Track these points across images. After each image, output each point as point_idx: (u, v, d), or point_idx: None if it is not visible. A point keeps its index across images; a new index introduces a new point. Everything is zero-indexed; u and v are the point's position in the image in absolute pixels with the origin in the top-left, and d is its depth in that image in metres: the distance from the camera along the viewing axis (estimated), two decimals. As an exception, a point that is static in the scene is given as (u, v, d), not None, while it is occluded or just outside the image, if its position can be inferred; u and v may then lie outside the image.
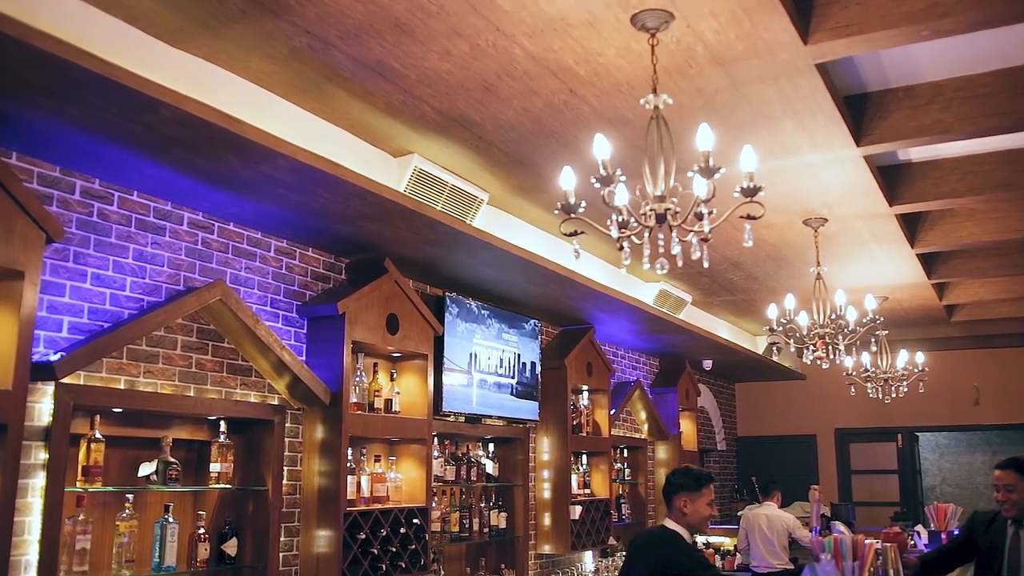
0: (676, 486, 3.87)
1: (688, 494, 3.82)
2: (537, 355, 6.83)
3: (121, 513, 3.94)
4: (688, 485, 3.84)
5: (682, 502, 3.83)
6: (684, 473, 3.94)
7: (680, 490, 3.85)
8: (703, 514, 3.83)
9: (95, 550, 3.87)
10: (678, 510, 3.86)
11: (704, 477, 3.89)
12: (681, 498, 3.84)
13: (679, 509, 3.85)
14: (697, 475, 3.90)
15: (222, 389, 4.39)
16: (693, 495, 3.82)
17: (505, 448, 6.75)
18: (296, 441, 4.81)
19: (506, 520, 6.58)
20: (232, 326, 4.34)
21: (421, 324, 5.36)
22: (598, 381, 7.50)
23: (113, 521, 3.93)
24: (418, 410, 5.36)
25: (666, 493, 3.93)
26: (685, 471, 3.96)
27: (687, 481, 3.86)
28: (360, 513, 4.79)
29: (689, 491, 3.83)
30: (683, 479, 3.88)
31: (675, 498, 3.86)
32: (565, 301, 6.58)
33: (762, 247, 6.13)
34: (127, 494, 3.96)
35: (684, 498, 3.83)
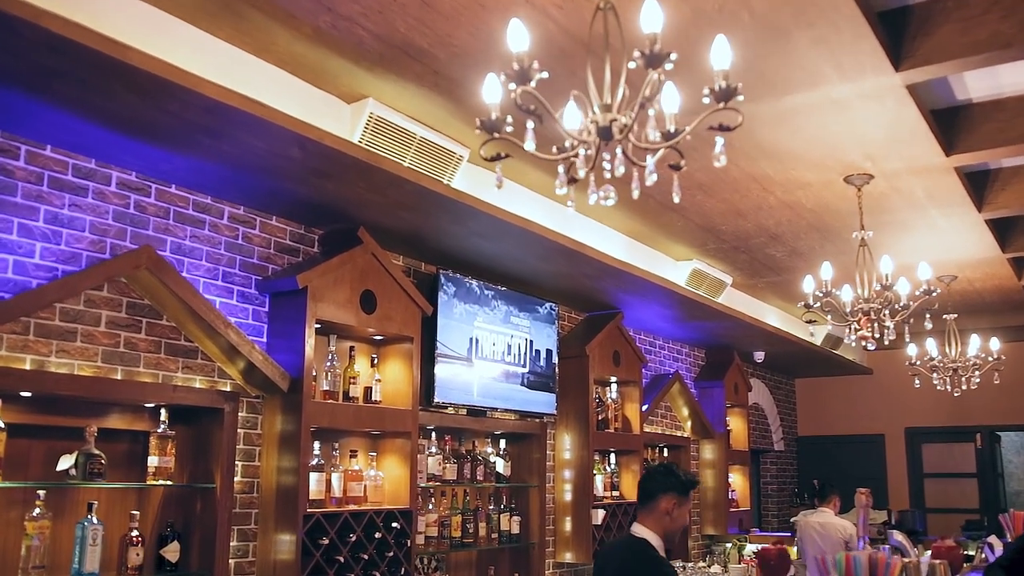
0: (663, 485, 3.36)
1: (676, 496, 3.34)
2: (554, 342, 6.17)
3: (31, 512, 3.44)
4: (677, 486, 3.35)
5: (669, 505, 3.33)
6: (671, 472, 3.43)
7: (668, 490, 3.34)
8: (684, 522, 3.41)
9: (-3, 554, 3.37)
10: (660, 512, 3.34)
11: (693, 481, 3.44)
12: (668, 500, 3.33)
13: (662, 511, 3.34)
14: (688, 477, 3.42)
15: (159, 372, 3.85)
16: (681, 499, 3.35)
17: (518, 445, 6.11)
18: (255, 433, 4.25)
19: (520, 525, 5.93)
20: (169, 301, 3.81)
21: (405, 303, 4.76)
22: (627, 372, 6.80)
23: (22, 522, 3.43)
24: (403, 400, 4.76)
25: (647, 490, 3.40)
26: (674, 469, 3.46)
27: (676, 482, 3.36)
28: (325, 515, 4.21)
29: (678, 493, 3.34)
30: (671, 479, 3.37)
31: (660, 498, 3.35)
32: (583, 281, 5.91)
33: (801, 213, 5.36)
34: (39, 491, 3.45)
35: (672, 500, 3.33)
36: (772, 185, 4.82)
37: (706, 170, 4.55)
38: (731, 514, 8.39)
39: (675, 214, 5.24)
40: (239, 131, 3.35)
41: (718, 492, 8.32)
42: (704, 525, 8.31)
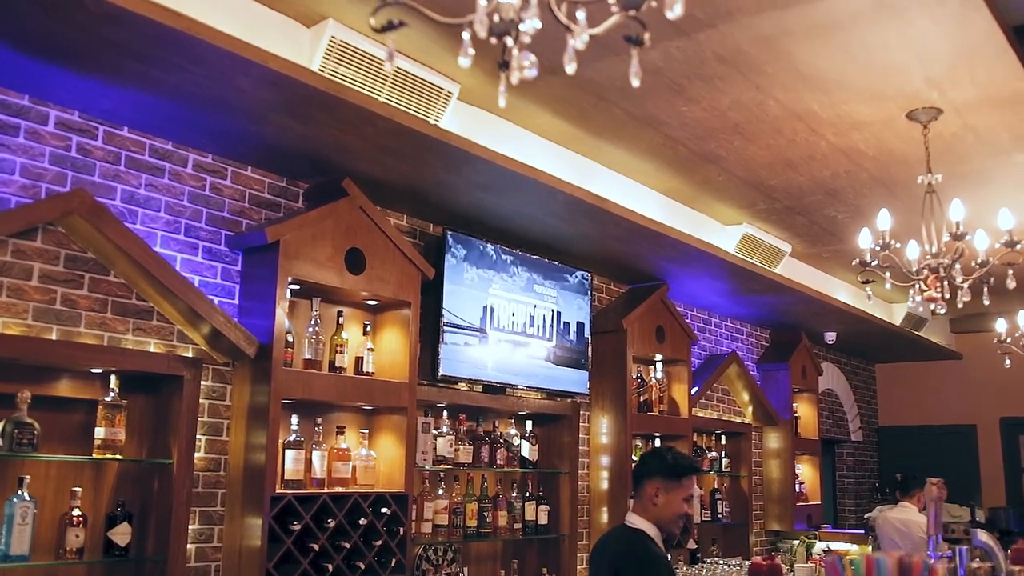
0: (649, 469, 3.16)
1: (663, 481, 3.10)
2: (587, 315, 5.59)
3: (-52, 486, 3.06)
4: (663, 470, 3.11)
5: (653, 490, 3.11)
6: (659, 455, 3.23)
7: (653, 475, 3.12)
8: (677, 510, 3.12)
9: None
10: (647, 499, 3.13)
11: (686, 466, 3.19)
12: (653, 484, 3.11)
13: (648, 498, 3.12)
14: (678, 461, 3.16)
15: (104, 334, 3.44)
16: (668, 484, 3.10)
17: (547, 427, 5.55)
18: (222, 405, 3.82)
19: (548, 515, 5.38)
20: (115, 255, 3.39)
21: (401, 264, 4.26)
22: (674, 350, 6.17)
23: (-62, 497, 3.06)
24: (399, 372, 4.26)
25: (636, 475, 3.22)
26: (663, 453, 3.24)
27: (662, 466, 3.13)
28: (299, 497, 3.74)
29: (664, 478, 3.10)
30: (658, 462, 3.16)
31: (646, 483, 3.14)
32: (615, 246, 5.31)
33: (860, 162, 4.64)
34: (-43, 463, 3.08)
35: (657, 485, 3.10)
36: (821, 125, 4.14)
37: (738, 106, 3.91)
38: (799, 509, 7.66)
39: (713, 165, 4.60)
40: (177, 57, 2.90)
41: (784, 485, 7.60)
42: (768, 520, 7.60)
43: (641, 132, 4.19)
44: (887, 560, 1.53)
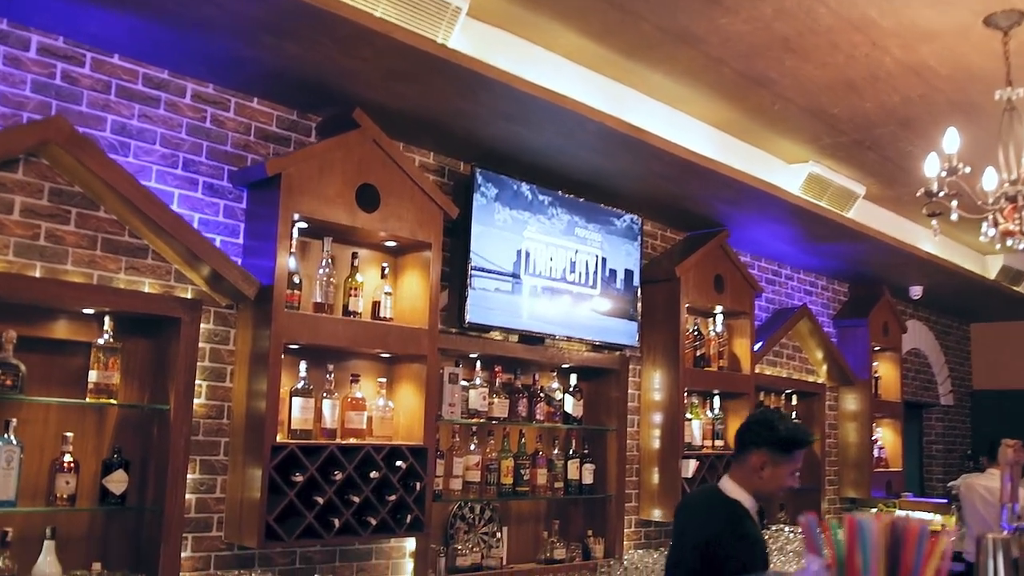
0: (757, 438, 2.96)
1: (771, 454, 2.93)
2: (636, 262, 5.21)
3: (-72, 428, 2.94)
4: (773, 442, 2.93)
5: (759, 461, 2.94)
6: (769, 424, 2.99)
7: (761, 445, 2.94)
8: (782, 484, 2.97)
9: None
10: (751, 469, 2.96)
11: (799, 439, 2.98)
12: (760, 455, 2.94)
13: (752, 468, 2.96)
14: (790, 433, 2.96)
15: (93, 272, 3.26)
16: (776, 457, 2.93)
17: (593, 382, 5.23)
18: (225, 349, 3.62)
19: (594, 474, 5.07)
20: (101, 189, 3.20)
21: (420, 202, 3.97)
22: (735, 301, 5.74)
23: (-81, 439, 2.94)
24: (419, 318, 3.99)
25: (739, 441, 3.04)
26: (773, 423, 3.00)
27: (772, 437, 2.93)
28: (304, 448, 3.52)
29: (773, 450, 2.92)
30: (768, 433, 2.95)
31: (752, 453, 2.96)
32: (663, 186, 4.92)
33: (933, 83, 4.10)
34: (-64, 404, 2.95)
35: (764, 457, 2.93)
36: (883, 37, 3.65)
37: (784, 15, 3.46)
38: (877, 475, 7.14)
39: (764, 90, 4.14)
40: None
41: (861, 449, 7.09)
42: (843, 487, 7.11)
43: (677, 51, 3.78)
44: (873, 523, 1.19)
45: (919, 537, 1.17)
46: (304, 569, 3.72)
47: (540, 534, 4.95)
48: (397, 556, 4.09)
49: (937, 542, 1.17)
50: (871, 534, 1.15)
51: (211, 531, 3.49)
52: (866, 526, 1.16)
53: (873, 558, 1.14)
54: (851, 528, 1.18)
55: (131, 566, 3.34)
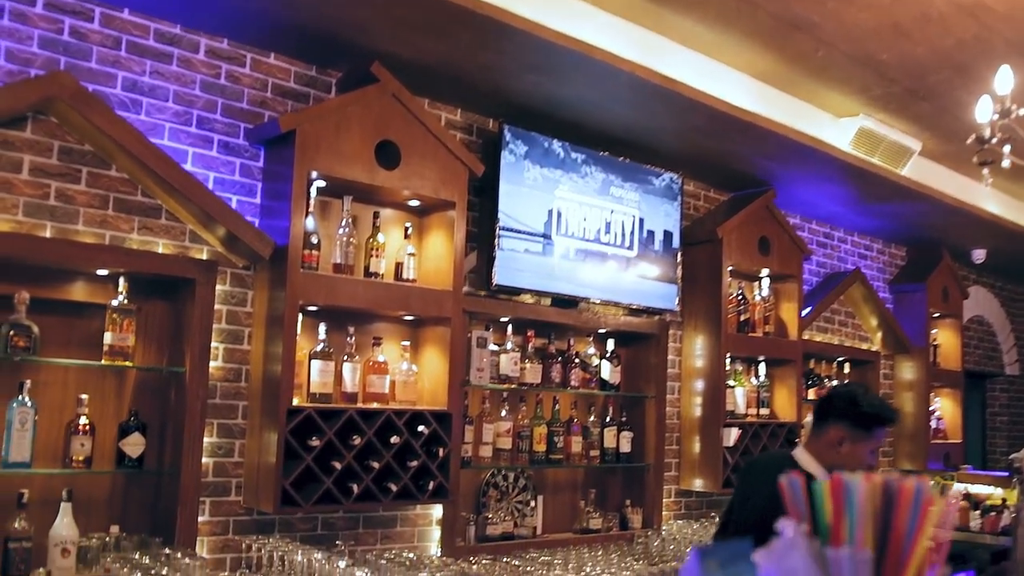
0: (838, 411, 2.85)
1: (851, 429, 2.82)
2: (676, 223, 5.01)
3: (-59, 389, 2.92)
4: (855, 418, 2.81)
5: (838, 436, 2.83)
6: (852, 398, 2.86)
7: (841, 419, 2.82)
8: (860, 461, 2.83)
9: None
10: (828, 443, 2.85)
11: (882, 416, 2.85)
12: (839, 430, 2.83)
13: (830, 442, 2.84)
14: (874, 410, 2.83)
15: (105, 232, 3.20)
16: (857, 433, 2.81)
17: (632, 348, 5.07)
18: (243, 311, 3.54)
19: (632, 442, 4.92)
20: (111, 147, 3.13)
21: (444, 159, 3.84)
22: (781, 264, 5.50)
23: (-68, 400, 2.93)
24: (444, 280, 3.87)
25: (818, 412, 2.94)
26: (856, 397, 2.86)
27: (854, 412, 2.81)
28: (321, 412, 3.44)
29: (854, 426, 2.81)
30: (850, 407, 2.82)
31: (831, 426, 2.85)
32: (702, 142, 4.70)
33: (990, 24, 3.79)
34: (-53, 365, 2.92)
35: (843, 432, 2.82)
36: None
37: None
38: (935, 447, 6.85)
39: (805, 35, 3.89)
40: None
41: (917, 419, 6.79)
42: (898, 458, 6.83)
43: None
44: (862, 483, 1.02)
45: (914, 499, 1.00)
46: (326, 535, 3.65)
47: (577, 503, 4.83)
48: (423, 523, 4.00)
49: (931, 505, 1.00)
50: (858, 496, 0.99)
51: (229, 495, 3.43)
52: (853, 486, 1.00)
53: (859, 523, 0.97)
54: (836, 489, 1.02)
55: (150, 530, 3.31)
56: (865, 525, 1.01)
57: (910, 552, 1.00)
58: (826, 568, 1.00)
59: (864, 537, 1.01)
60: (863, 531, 1.01)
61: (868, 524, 1.01)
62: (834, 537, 1.04)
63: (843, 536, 1.03)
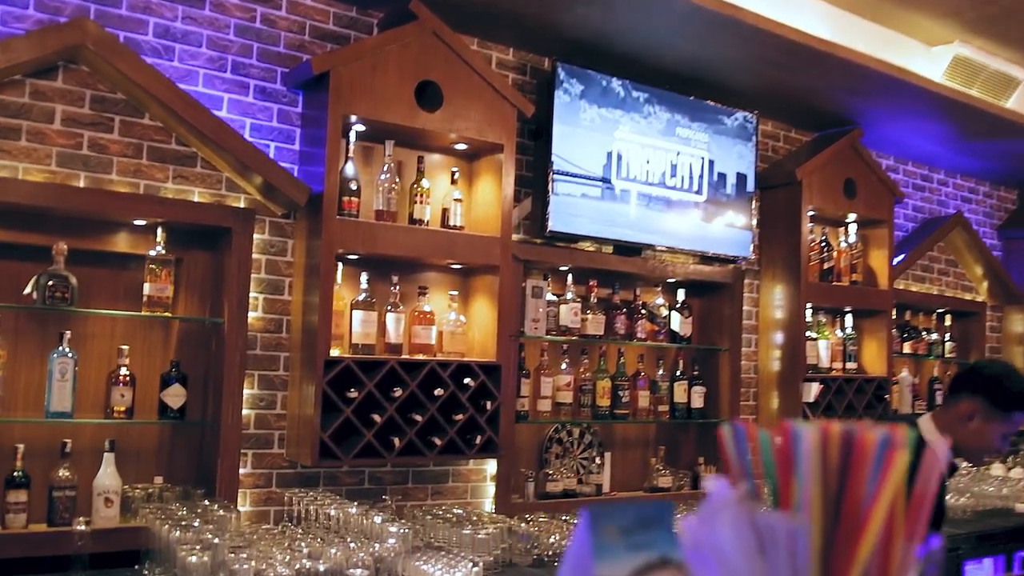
0: (974, 385, 2.68)
1: (985, 406, 2.64)
2: (750, 165, 4.70)
3: (-17, 340, 2.95)
4: (991, 395, 2.63)
5: (969, 409, 2.66)
6: (995, 377, 2.68)
7: (977, 393, 2.65)
8: (988, 443, 2.69)
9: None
10: (958, 416, 2.69)
11: (1017, 399, 2.65)
12: (972, 404, 2.66)
13: (960, 416, 2.68)
14: (1018, 388, 2.64)
15: (139, 182, 3.16)
16: (991, 412, 2.63)
17: (705, 298, 4.81)
18: (283, 261, 3.47)
19: (704, 397, 4.69)
20: (141, 94, 3.07)
21: (489, 100, 3.66)
22: (869, 208, 5.12)
23: (-24, 350, 2.95)
24: (493, 226, 3.71)
25: (952, 384, 2.81)
26: (999, 374, 2.70)
27: (991, 389, 2.64)
28: (361, 363, 3.34)
29: (990, 403, 2.63)
30: (988, 384, 2.65)
31: (963, 398, 2.69)
32: (777, 76, 4.38)
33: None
34: (-11, 316, 2.94)
35: (976, 407, 2.65)
36: None
37: None
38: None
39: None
40: None
41: (1029, 374, 6.28)
42: (1006, 415, 6.35)
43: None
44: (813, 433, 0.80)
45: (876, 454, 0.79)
46: (373, 490, 3.58)
47: (648, 461, 4.63)
48: (477, 479, 3.89)
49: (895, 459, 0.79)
50: (804, 446, 0.79)
51: (272, 448, 3.39)
52: (800, 435, 0.80)
53: (806, 483, 0.77)
54: (784, 438, 0.82)
55: (195, 481, 3.30)
56: (814, 485, 0.81)
57: (866, 518, 0.79)
58: (761, 539, 0.81)
59: (812, 500, 0.81)
60: (811, 492, 0.81)
61: (818, 484, 0.81)
62: (781, 500, 0.84)
63: (791, 499, 0.83)
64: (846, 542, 0.82)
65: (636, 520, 0.86)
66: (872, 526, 0.80)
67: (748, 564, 0.83)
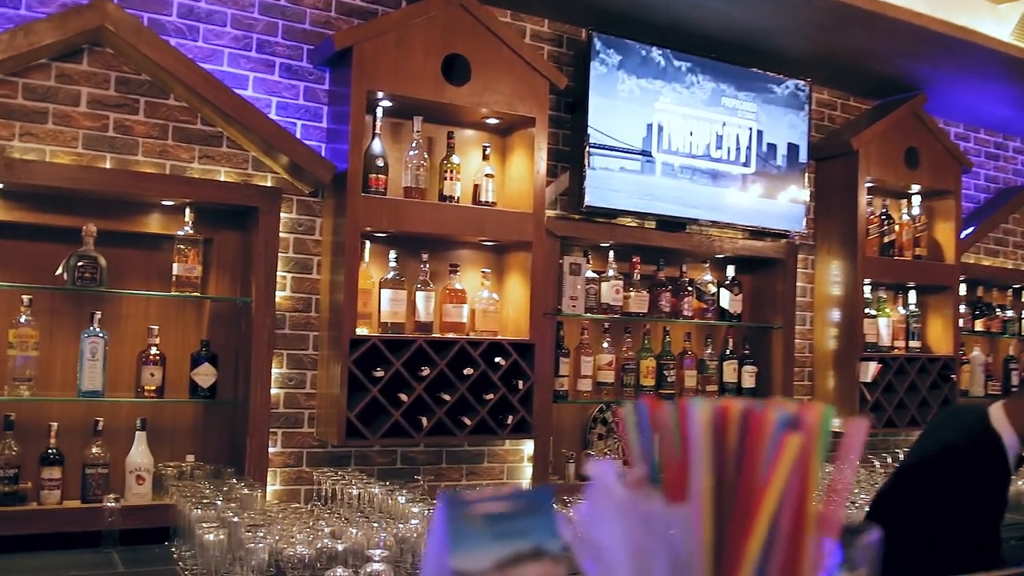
0: None
1: None
2: (803, 135, 4.50)
3: (17, 319, 3.01)
4: None
5: None
6: None
7: None
8: None
9: (-22, 366, 3.01)
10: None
11: None
12: None
13: None
14: None
15: (165, 162, 3.18)
16: None
17: (756, 274, 4.64)
18: (311, 239, 3.46)
19: (756, 377, 4.53)
20: (165, 75, 3.08)
21: (520, 72, 3.57)
22: (934, 178, 4.86)
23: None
24: (525, 202, 3.63)
25: None
26: None
27: None
28: (388, 342, 3.31)
29: None
30: None
31: None
32: (828, 41, 4.17)
33: None
34: (23, 295, 3.00)
35: None
36: None
37: None
38: None
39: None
40: None
41: (1115, 353, 5.92)
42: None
43: None
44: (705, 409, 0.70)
45: (773, 433, 0.70)
46: (405, 470, 3.56)
47: (696, 442, 4.50)
48: (514, 460, 3.83)
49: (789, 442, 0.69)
50: (695, 425, 0.70)
51: (302, 427, 3.39)
52: (694, 415, 0.71)
53: (697, 460, 0.69)
54: (683, 418, 0.73)
55: (228, 460, 3.32)
56: (705, 468, 0.72)
57: (756, 507, 0.70)
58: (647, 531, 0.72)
59: (703, 488, 0.72)
60: (702, 476, 0.72)
61: (708, 467, 0.72)
62: (671, 480, 0.75)
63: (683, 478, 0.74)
64: (737, 535, 0.72)
65: (508, 507, 0.78)
66: (761, 518, 0.71)
67: (629, 557, 0.74)
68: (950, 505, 2.45)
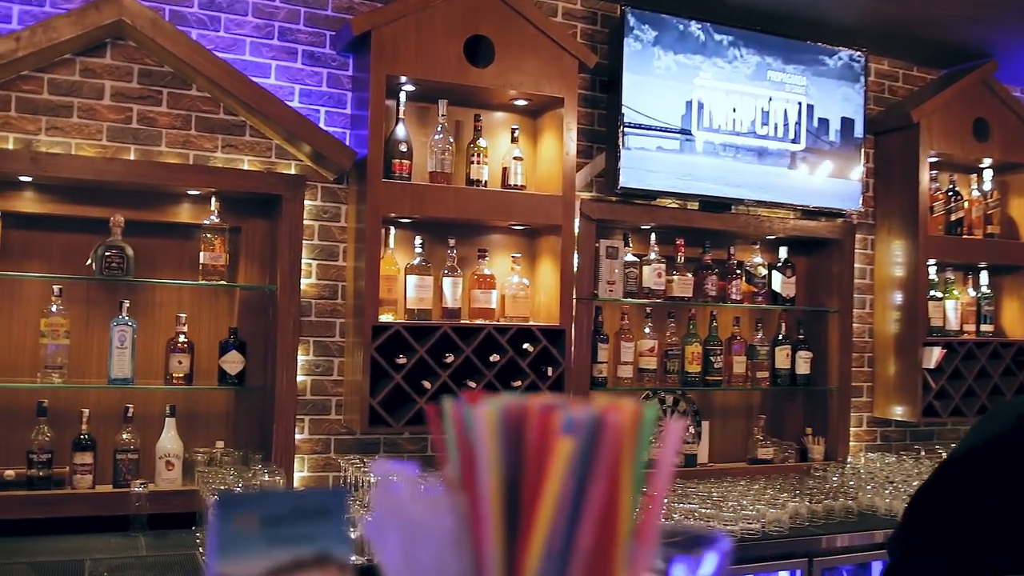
0: None
1: None
2: (858, 108, 4.27)
3: (49, 308, 3.08)
4: None
5: None
6: None
7: None
8: None
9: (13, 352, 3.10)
10: None
11: None
12: None
13: None
14: None
15: (189, 152, 3.21)
16: None
17: (811, 256, 4.45)
18: (336, 226, 3.44)
19: (811, 363, 4.34)
20: (186, 67, 3.10)
21: (547, 51, 3.48)
22: (1006, 152, 4.56)
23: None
24: (556, 184, 3.54)
25: None
26: None
27: None
28: (412, 328, 3.27)
29: None
30: None
31: None
32: (884, 8, 3.94)
33: None
34: (54, 285, 3.07)
35: None
36: None
37: None
38: None
39: None
40: None
41: None
42: None
43: None
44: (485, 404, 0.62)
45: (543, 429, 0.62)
46: (436, 457, 3.52)
47: (750, 429, 4.35)
48: (549, 447, 3.76)
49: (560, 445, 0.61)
50: (477, 421, 0.63)
51: (329, 414, 3.39)
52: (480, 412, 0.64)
53: (483, 463, 0.61)
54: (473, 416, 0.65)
55: (257, 447, 3.34)
56: (491, 466, 0.64)
57: (533, 509, 0.62)
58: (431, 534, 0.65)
59: (491, 480, 0.64)
60: (488, 475, 0.64)
61: (494, 465, 0.64)
62: (466, 479, 0.68)
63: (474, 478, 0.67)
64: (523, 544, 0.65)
65: (292, 510, 0.72)
66: (537, 528, 0.63)
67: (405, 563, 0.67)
68: (993, 495, 2.28)
